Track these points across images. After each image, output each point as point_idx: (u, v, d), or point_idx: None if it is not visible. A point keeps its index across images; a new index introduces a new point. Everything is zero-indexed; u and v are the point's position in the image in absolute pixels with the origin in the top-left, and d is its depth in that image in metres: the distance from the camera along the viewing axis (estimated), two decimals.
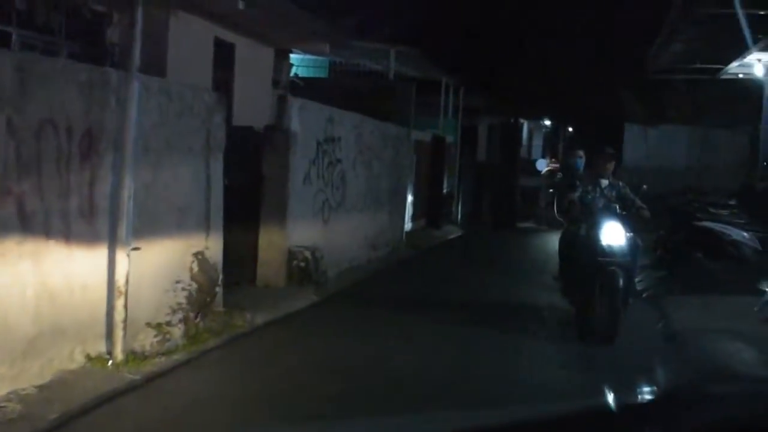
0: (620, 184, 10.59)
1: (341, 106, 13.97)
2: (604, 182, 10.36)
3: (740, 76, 24.32)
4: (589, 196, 10.27)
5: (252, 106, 14.21)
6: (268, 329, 9.48)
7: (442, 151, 23.55)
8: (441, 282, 14.11)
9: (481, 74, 27.66)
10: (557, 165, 51.27)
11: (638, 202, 10.33)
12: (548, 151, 53.16)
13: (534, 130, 50.01)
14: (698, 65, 22.74)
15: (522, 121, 41.26)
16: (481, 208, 30.64)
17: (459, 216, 26.17)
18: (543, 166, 49.99)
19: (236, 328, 9.11)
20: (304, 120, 12.16)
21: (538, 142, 52.24)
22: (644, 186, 10.60)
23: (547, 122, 51.12)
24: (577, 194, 10.28)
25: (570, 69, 29.67)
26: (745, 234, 13.17)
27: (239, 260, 10.92)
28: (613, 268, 9.50)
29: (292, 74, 18.75)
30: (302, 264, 11.79)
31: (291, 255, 11.74)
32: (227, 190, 9.60)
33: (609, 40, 26.75)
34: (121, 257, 7.45)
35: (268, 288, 11.41)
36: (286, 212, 11.79)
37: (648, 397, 2.77)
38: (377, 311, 11.06)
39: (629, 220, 9.95)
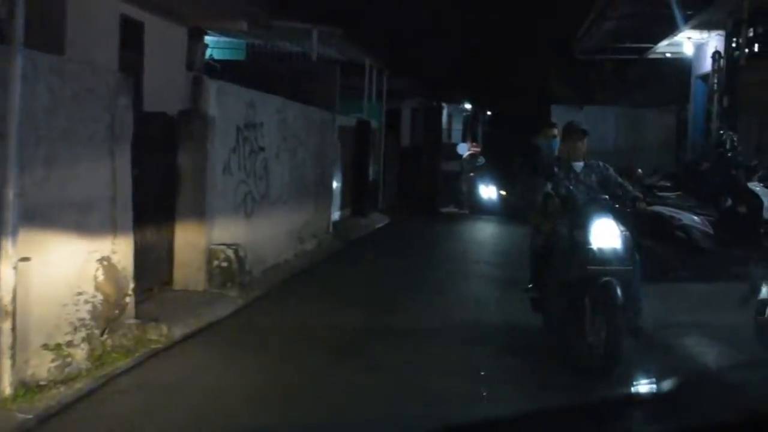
0: (600, 164, 8.62)
1: (261, 90, 12.72)
2: (579, 165, 8.44)
3: (668, 55, 23.82)
4: (564, 187, 8.19)
5: (164, 90, 12.87)
6: (188, 344, 8.23)
7: (368, 137, 22.45)
8: (375, 280, 13.01)
9: (404, 56, 26.63)
10: (478, 149, 50.95)
11: (631, 189, 8.46)
12: (469, 135, 52.59)
13: (453, 114, 49.34)
14: (628, 44, 22.10)
15: (443, 104, 40.52)
16: (405, 194, 29.69)
17: (383, 203, 25.12)
18: (464, 150, 49.49)
19: (151, 344, 7.85)
20: (223, 104, 10.89)
21: (458, 126, 51.53)
22: (639, 170, 9.19)
23: (468, 106, 50.50)
24: (551, 185, 8.29)
25: (493, 50, 28.92)
26: (696, 218, 12.40)
27: (153, 263, 9.63)
28: (608, 278, 7.46)
29: (207, 56, 17.39)
30: (224, 264, 10.53)
31: (211, 254, 10.47)
32: (137, 184, 8.30)
33: (534, 21, 26.01)
34: (6, 270, 6.15)
35: (186, 293, 10.12)
36: (205, 207, 10.51)
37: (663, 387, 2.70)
38: (306, 317, 9.88)
39: (622, 214, 7.96)
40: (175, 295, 10.02)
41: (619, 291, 7.36)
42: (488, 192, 48.28)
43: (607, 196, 8.06)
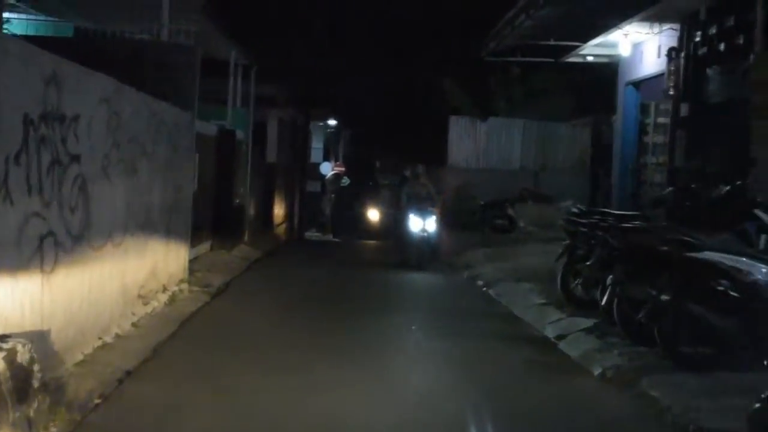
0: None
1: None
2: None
3: (589, 58, 19.80)
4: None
5: None
6: None
7: (232, 150, 17.29)
8: (265, 373, 7.96)
9: (274, 55, 21.66)
10: (343, 168, 46.26)
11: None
12: (332, 154, 47.71)
13: (313, 131, 44.52)
14: (552, 41, 17.89)
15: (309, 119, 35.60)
16: (272, 219, 24.57)
17: (250, 233, 19.96)
18: (327, 169, 44.70)
19: None
20: None
21: (318, 145, 46.72)
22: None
23: (332, 122, 45.78)
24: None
25: (377, 55, 24.38)
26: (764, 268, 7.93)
27: None
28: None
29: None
30: None
31: None
32: None
33: (429, 17, 21.55)
34: None
35: None
36: None
37: None
38: None
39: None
40: None
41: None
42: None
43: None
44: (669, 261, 7.78)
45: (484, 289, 13.46)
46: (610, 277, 8.61)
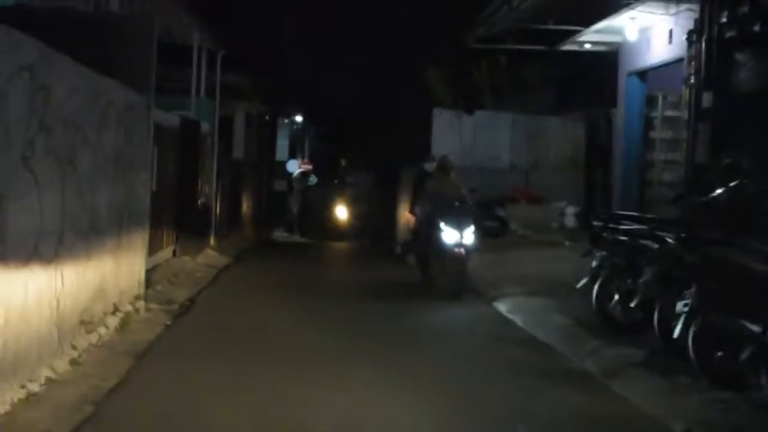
0: None
1: None
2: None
3: (587, 46, 17.90)
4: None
5: None
6: None
7: (197, 144, 15.12)
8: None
9: (241, 42, 19.51)
10: (310, 167, 44.12)
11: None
12: (298, 151, 45.48)
13: (280, 128, 42.32)
14: (550, 25, 15.93)
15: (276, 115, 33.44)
16: (239, 219, 22.40)
17: (216, 236, 17.81)
18: (294, 167, 42.56)
19: None
20: None
21: (283, 142, 44.52)
22: None
23: (299, 119, 43.61)
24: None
25: (353, 47, 22.31)
26: None
27: None
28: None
29: None
30: None
31: None
32: None
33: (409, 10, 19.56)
34: None
35: None
36: None
37: None
38: None
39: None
40: None
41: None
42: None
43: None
44: None
45: (493, 304, 11.35)
46: (683, 302, 6.63)
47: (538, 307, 10.32)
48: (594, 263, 8.88)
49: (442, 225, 12.06)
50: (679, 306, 6.64)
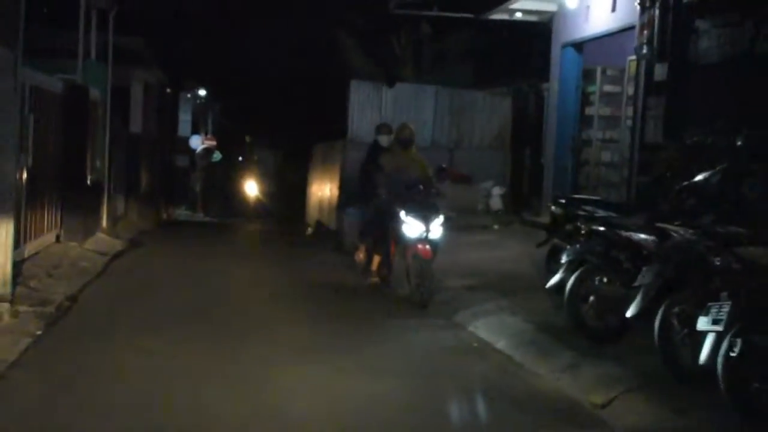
0: None
1: None
2: None
3: (518, 15, 16.41)
4: None
5: None
6: None
7: (85, 113, 12.96)
8: None
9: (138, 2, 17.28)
10: (214, 142, 41.69)
11: None
12: (202, 127, 42.93)
13: (182, 103, 39.80)
14: None
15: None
16: (136, 198, 20.18)
17: (109, 217, 15.66)
18: (197, 143, 40.10)
19: None
20: None
21: (185, 117, 42.00)
22: None
23: (202, 92, 41.12)
24: None
25: (260, 9, 20.22)
26: None
27: None
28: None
29: None
30: None
31: None
32: None
33: None
34: None
35: None
36: None
37: None
38: None
39: None
40: None
41: None
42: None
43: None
44: None
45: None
46: (708, 317, 5.08)
47: (491, 308, 8.68)
48: (566, 257, 7.29)
49: (402, 215, 9.54)
50: (703, 322, 5.10)
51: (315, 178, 21.95)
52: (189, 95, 40.47)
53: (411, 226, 9.51)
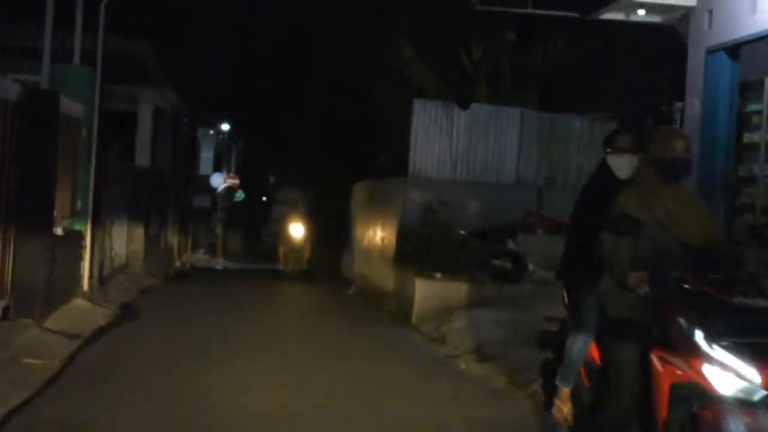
0: None
1: None
2: None
3: (640, 12, 12.21)
4: None
5: None
6: None
7: (53, 129, 8.75)
8: None
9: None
10: (236, 181, 37.95)
11: None
12: (224, 165, 39.02)
13: (203, 140, 36.18)
14: None
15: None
16: (143, 246, 15.97)
17: (96, 275, 11.44)
18: (219, 181, 36.47)
19: None
20: None
21: (208, 154, 38.45)
22: None
23: (225, 127, 37.35)
24: None
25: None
26: None
27: None
28: None
29: None
30: None
31: None
32: None
33: None
34: None
35: None
36: None
37: None
38: None
39: None
40: None
41: None
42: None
43: None
44: None
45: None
46: None
47: None
48: None
49: (709, 344, 4.07)
50: None
51: (358, 223, 17.74)
52: (212, 131, 36.81)
53: (731, 369, 4.01)
